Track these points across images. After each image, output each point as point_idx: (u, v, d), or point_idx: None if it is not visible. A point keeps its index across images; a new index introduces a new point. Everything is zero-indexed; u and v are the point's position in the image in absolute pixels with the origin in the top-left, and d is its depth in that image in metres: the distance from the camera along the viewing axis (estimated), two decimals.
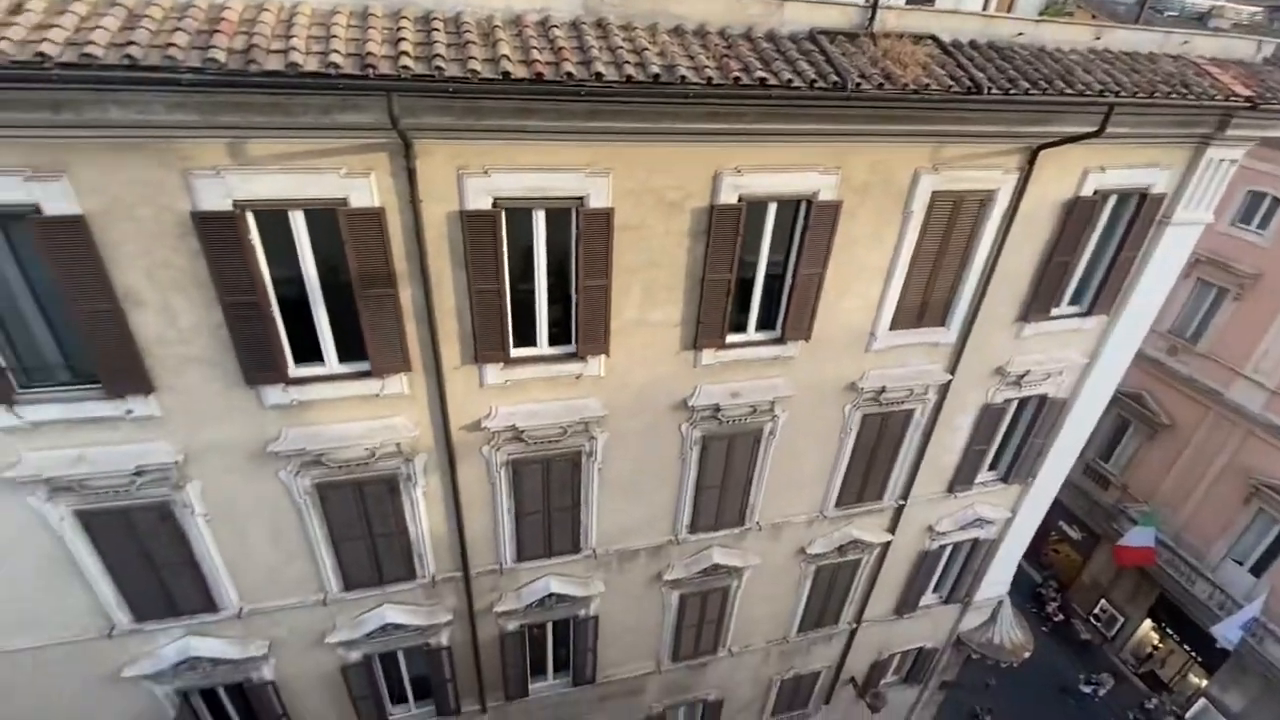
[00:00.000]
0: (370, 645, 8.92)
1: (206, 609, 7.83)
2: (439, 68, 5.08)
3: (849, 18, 6.77)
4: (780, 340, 8.09)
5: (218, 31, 4.75)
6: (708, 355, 7.90)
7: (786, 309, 7.86)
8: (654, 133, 6.28)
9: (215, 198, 5.49)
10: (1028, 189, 7.79)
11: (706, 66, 5.78)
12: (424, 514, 8.00)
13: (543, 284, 6.95)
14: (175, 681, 8.27)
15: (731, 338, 7.95)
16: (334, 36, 5.07)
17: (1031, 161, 7.58)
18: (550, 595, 9.14)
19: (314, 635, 8.58)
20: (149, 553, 7.19)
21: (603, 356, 7.48)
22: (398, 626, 8.69)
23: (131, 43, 4.48)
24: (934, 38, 6.87)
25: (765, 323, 8.07)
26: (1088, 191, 8.08)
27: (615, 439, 8.17)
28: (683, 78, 5.58)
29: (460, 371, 7.16)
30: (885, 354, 8.71)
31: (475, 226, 6.30)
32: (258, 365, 6.34)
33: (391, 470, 7.51)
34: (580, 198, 6.46)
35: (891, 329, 8.49)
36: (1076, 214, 8.21)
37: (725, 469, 8.98)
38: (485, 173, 6.09)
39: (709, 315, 7.54)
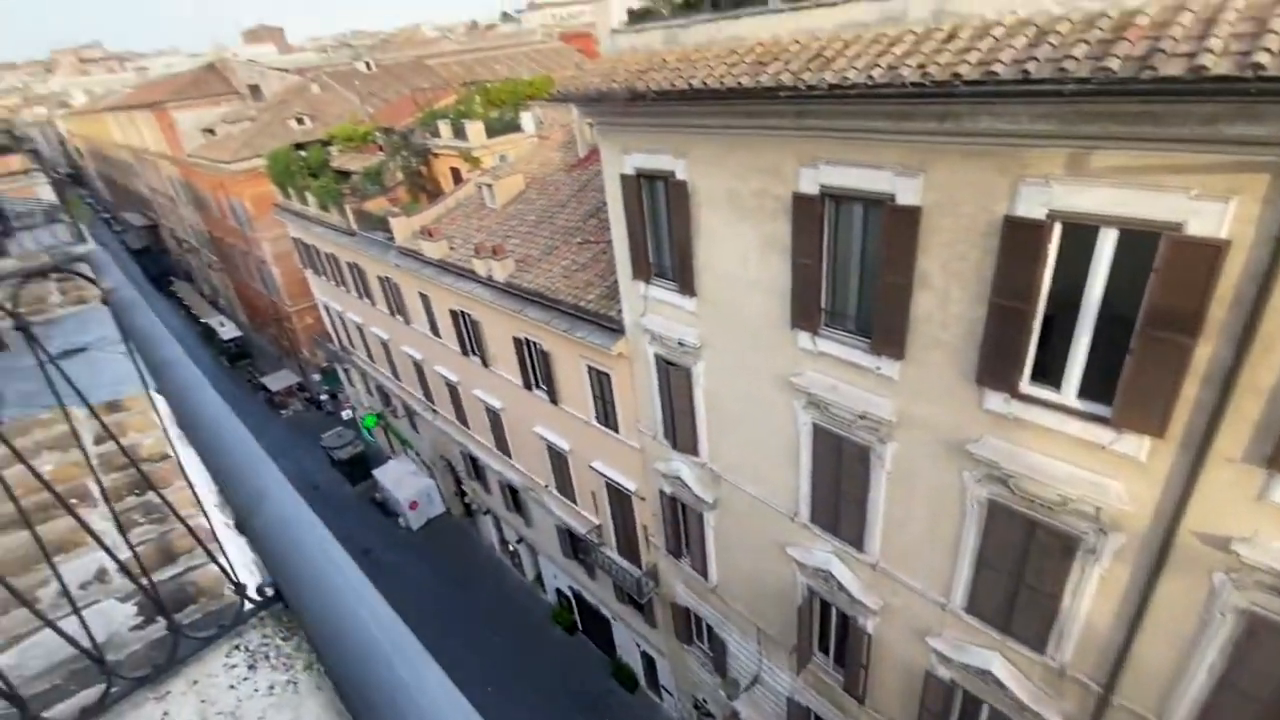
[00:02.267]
0: (961, 676, 8.54)
1: (854, 544, 9.18)
2: None
3: None
4: None
5: (1122, 39, 4.59)
6: None
7: None
8: None
9: (1033, 205, 5.63)
10: None
11: None
12: (1089, 597, 6.74)
13: None
14: (810, 580, 10.25)
15: None
16: (1269, 32, 4.10)
17: None
18: None
19: (918, 627, 8.85)
20: (839, 477, 8.88)
21: None
22: (998, 683, 7.93)
23: (1032, 58, 4.87)
24: None
25: None
26: None
27: None
28: None
29: (1232, 467, 5.34)
30: None
31: None
32: (993, 368, 6.48)
33: (1075, 531, 6.55)
34: None
35: None
36: None
37: None
38: None
39: None
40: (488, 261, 14.71)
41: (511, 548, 22.55)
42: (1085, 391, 6.07)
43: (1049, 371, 6.23)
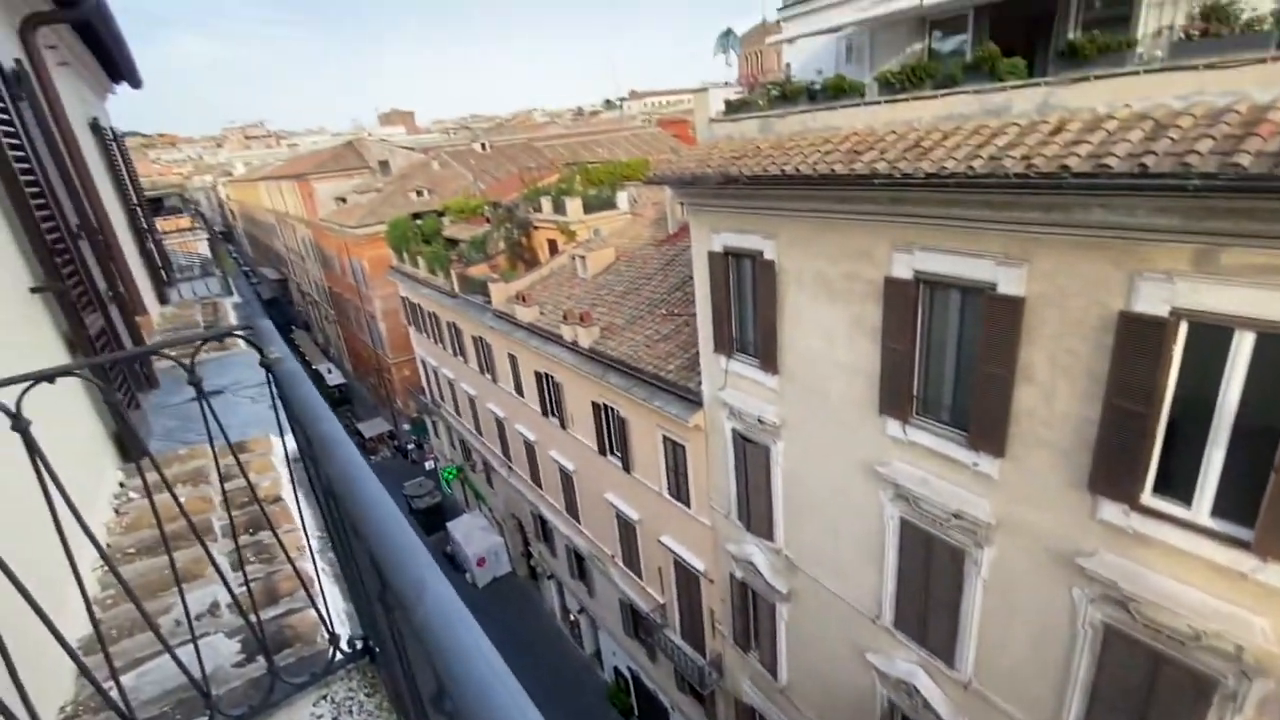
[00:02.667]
0: None
1: (943, 657, 8.33)
2: None
3: None
4: None
5: (1252, 135, 4.34)
6: None
7: None
8: None
9: (1153, 302, 5.25)
10: None
11: None
12: None
13: None
14: (890, 692, 9.33)
15: None
16: None
17: None
18: None
19: None
20: (928, 580, 8.19)
21: None
22: None
23: (1149, 152, 4.68)
24: None
25: None
26: None
27: None
28: None
29: None
30: None
31: None
32: (1108, 475, 5.90)
33: (1211, 672, 5.65)
34: None
35: None
36: None
37: None
38: None
39: None
40: (574, 327, 15.27)
41: (573, 617, 22.09)
42: (1220, 510, 5.39)
43: (1176, 484, 5.60)
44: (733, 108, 9.82)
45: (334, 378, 42.33)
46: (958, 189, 5.96)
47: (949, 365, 7.31)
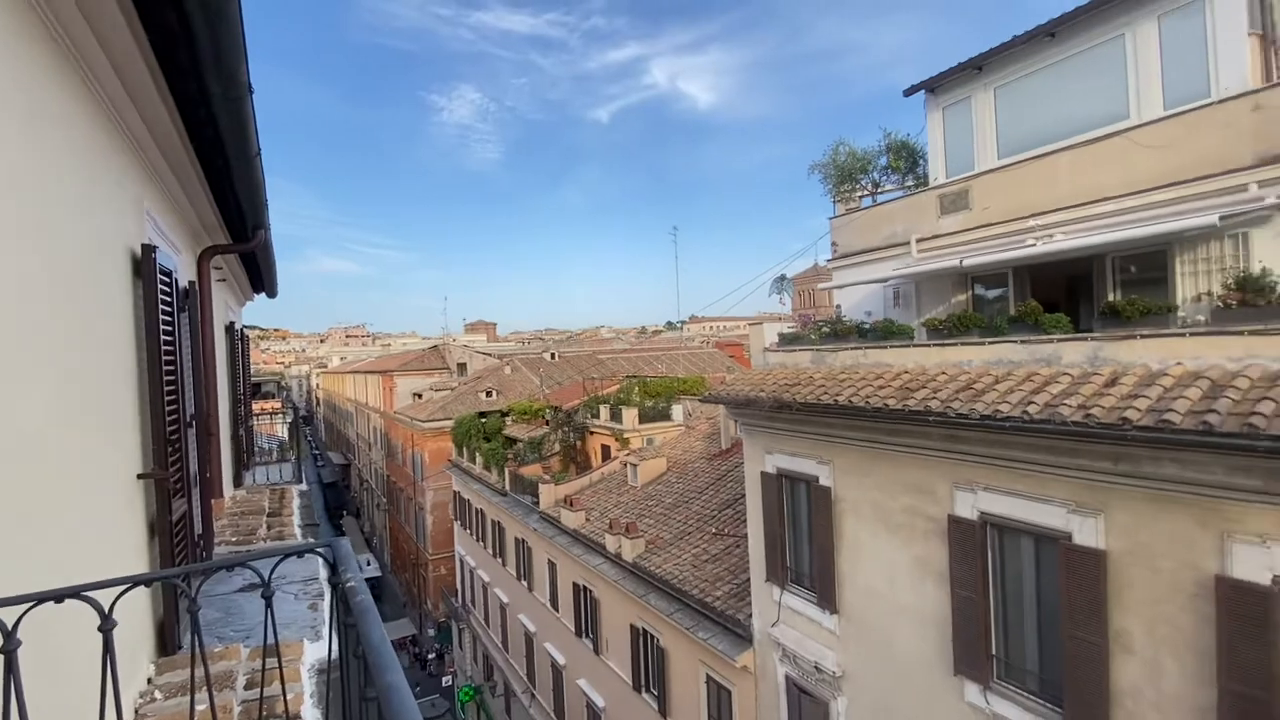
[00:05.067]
0: None
1: None
2: None
3: None
4: None
5: None
6: None
7: None
8: None
9: (1256, 569, 4.76)
10: None
11: None
12: None
13: None
14: None
15: None
16: None
17: None
18: None
19: None
20: None
21: None
22: None
23: (1212, 410, 4.64)
24: None
25: None
26: None
27: None
28: None
29: None
30: None
31: None
32: None
33: None
34: None
35: None
36: None
37: None
38: None
39: None
40: (619, 537, 14.83)
41: None
42: None
43: None
44: (787, 339, 10.53)
45: (370, 570, 41.38)
46: (1015, 432, 5.94)
47: (1031, 623, 6.57)
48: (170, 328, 3.67)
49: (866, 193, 12.70)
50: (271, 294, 9.60)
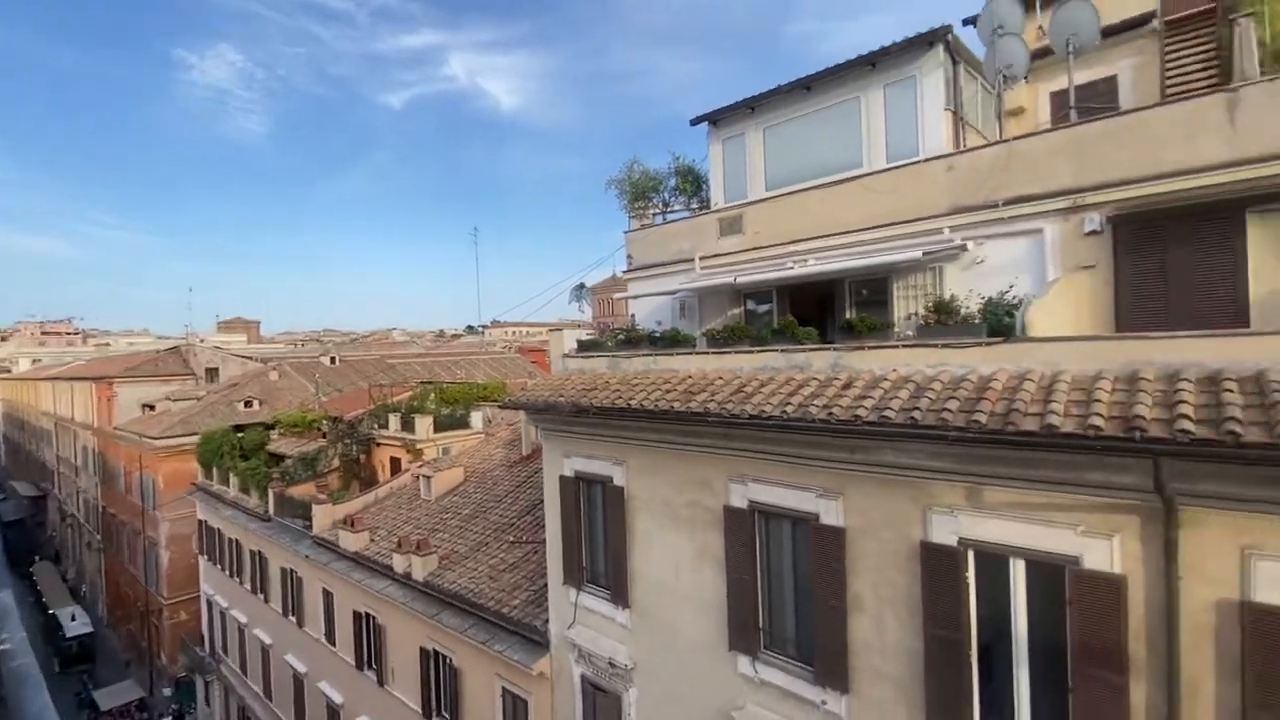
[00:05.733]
0: None
1: None
2: (1232, 432, 4.30)
3: None
4: None
5: (984, 399, 5.57)
6: None
7: None
8: None
9: (944, 533, 6.02)
10: None
11: None
12: None
13: None
14: None
15: None
16: (1096, 400, 5.10)
17: None
18: None
19: None
20: None
21: None
22: None
23: (916, 408, 5.77)
24: None
25: None
26: None
27: None
28: None
29: None
30: None
31: (1266, 628, 4.52)
32: (943, 706, 6.05)
33: None
34: None
35: None
36: None
37: None
38: None
39: None
40: (409, 556, 13.82)
41: None
42: None
43: (1000, 712, 5.86)
44: (585, 346, 10.75)
45: (77, 626, 32.90)
46: (775, 429, 6.77)
47: (789, 596, 7.52)
48: None
49: (658, 210, 13.57)
50: None
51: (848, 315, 8.68)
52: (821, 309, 10.40)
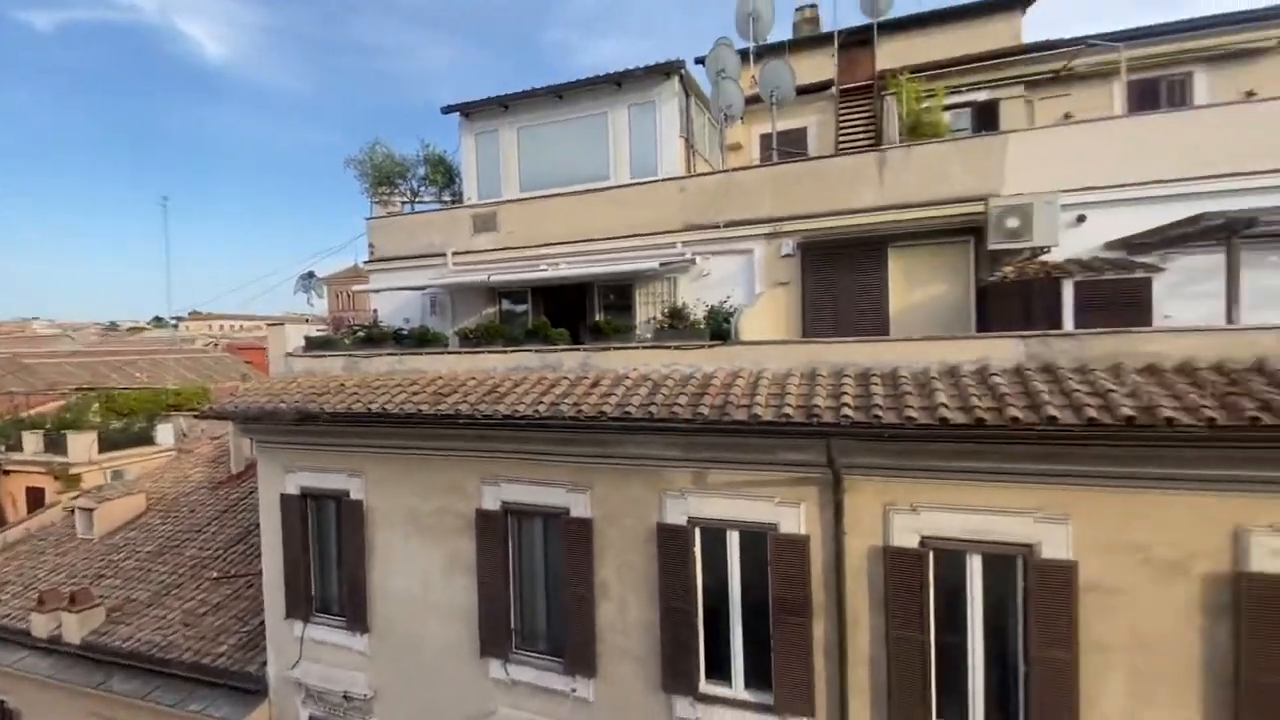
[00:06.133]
0: None
1: None
2: (876, 416, 5.57)
3: None
4: None
5: (706, 394, 6.34)
6: None
7: None
8: (1131, 477, 5.29)
9: (676, 514, 6.70)
10: None
11: (1203, 406, 4.84)
12: None
13: (978, 642, 5.85)
14: None
15: None
16: (788, 394, 6.17)
17: None
18: None
19: None
20: None
21: None
22: None
23: (652, 404, 6.32)
24: None
25: None
26: None
27: None
28: (1168, 419, 4.77)
29: None
30: None
31: (898, 565, 5.97)
32: (675, 672, 6.72)
33: None
34: (1028, 545, 5.60)
35: None
36: None
37: None
38: (913, 509, 5.95)
39: None
40: (57, 614, 10.66)
41: None
42: (751, 682, 6.62)
43: (721, 668, 6.72)
44: (315, 344, 9.51)
45: None
46: (529, 428, 6.82)
47: (541, 593, 7.63)
48: None
49: (407, 199, 12.66)
50: None
51: (597, 318, 9.14)
52: (574, 311, 10.79)
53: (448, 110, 11.26)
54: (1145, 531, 5.31)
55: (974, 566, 5.84)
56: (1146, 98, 11.28)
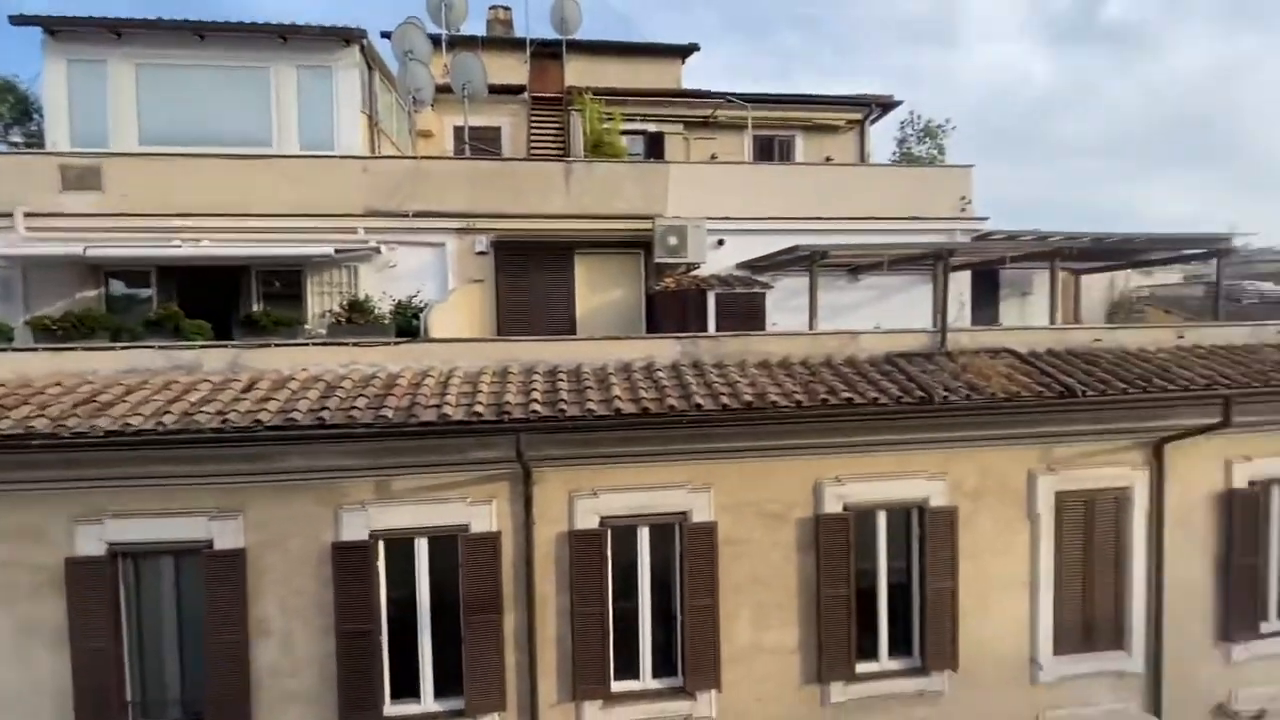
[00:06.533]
0: None
1: None
2: (561, 410, 5.91)
3: (921, 342, 7.46)
4: (922, 670, 6.95)
5: (390, 395, 5.90)
6: (837, 690, 6.83)
7: (921, 630, 6.94)
8: (751, 449, 6.64)
9: (356, 529, 6.08)
10: (1166, 485, 7.20)
11: (795, 392, 6.35)
12: None
13: (646, 604, 6.68)
14: None
15: (862, 666, 6.94)
16: (479, 392, 6.13)
17: (1158, 456, 7.17)
18: None
19: None
20: None
21: (713, 692, 6.65)
22: None
23: (325, 408, 5.61)
24: (1010, 350, 7.33)
25: (902, 649, 7.09)
26: (1240, 483, 7.34)
27: None
28: (773, 403, 6.13)
29: (557, 711, 6.51)
30: (1058, 687, 7.19)
31: (581, 546, 6.44)
32: (354, 703, 6.10)
33: None
34: (683, 513, 6.60)
35: (1056, 654, 7.17)
36: (1238, 508, 7.32)
37: None
38: (594, 493, 6.48)
39: (830, 639, 6.76)
40: None
41: None
42: (442, 691, 6.39)
43: (411, 685, 6.33)
44: None
45: None
46: (147, 446, 5.41)
47: (173, 650, 6.15)
48: None
49: None
50: None
51: (254, 308, 7.75)
52: (222, 299, 8.96)
53: (20, 21, 8.27)
54: (761, 491, 6.73)
55: (643, 538, 6.65)
56: (766, 150, 14.34)
